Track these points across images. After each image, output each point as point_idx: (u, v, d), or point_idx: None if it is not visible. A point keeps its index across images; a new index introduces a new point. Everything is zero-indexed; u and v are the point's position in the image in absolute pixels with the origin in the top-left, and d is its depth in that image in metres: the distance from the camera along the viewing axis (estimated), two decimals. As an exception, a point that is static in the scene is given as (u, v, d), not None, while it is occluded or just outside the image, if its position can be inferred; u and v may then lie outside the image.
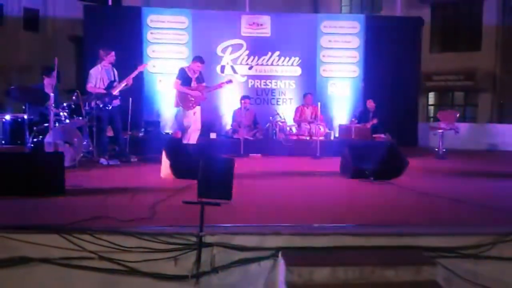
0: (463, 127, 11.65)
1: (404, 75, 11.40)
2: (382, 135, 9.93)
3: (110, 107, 7.52)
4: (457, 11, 19.74)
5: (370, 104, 10.55)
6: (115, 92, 7.60)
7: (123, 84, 7.66)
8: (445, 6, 19.75)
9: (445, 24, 19.78)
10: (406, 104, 11.54)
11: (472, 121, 18.02)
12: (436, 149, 9.35)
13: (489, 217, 4.03)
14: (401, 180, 5.83)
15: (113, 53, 7.70)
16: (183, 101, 7.80)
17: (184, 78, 7.85)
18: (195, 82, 7.88)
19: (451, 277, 3.19)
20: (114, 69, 7.76)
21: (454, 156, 9.28)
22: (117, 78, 7.71)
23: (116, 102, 7.69)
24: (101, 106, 7.41)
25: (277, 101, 11.35)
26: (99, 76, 7.58)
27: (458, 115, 10.89)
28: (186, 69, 7.97)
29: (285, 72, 11.30)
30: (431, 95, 20.76)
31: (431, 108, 20.73)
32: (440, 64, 18.51)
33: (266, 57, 11.21)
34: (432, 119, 19.33)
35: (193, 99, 7.80)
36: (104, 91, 7.49)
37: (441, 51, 19.32)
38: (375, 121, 10.35)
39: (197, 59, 7.98)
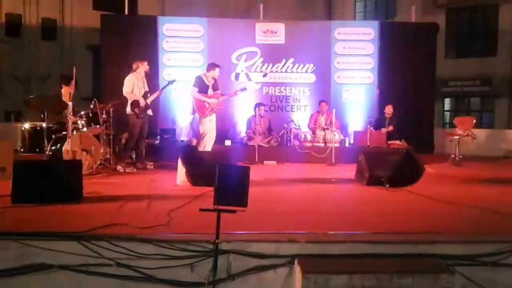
0: (480, 133, 11.49)
1: (419, 81, 11.29)
2: (398, 142, 9.84)
3: (143, 115, 7.68)
4: (472, 16, 19.58)
5: (389, 109, 10.43)
6: (149, 101, 7.75)
7: (155, 95, 7.87)
8: (460, 11, 19.60)
9: (460, 30, 19.63)
10: (422, 110, 11.42)
11: (489, 127, 17.77)
12: (453, 156, 9.24)
13: (507, 224, 3.98)
14: (417, 187, 5.79)
15: (146, 62, 7.88)
16: (200, 109, 7.86)
17: (201, 85, 7.91)
18: (211, 90, 7.95)
19: (469, 286, 3.16)
20: (145, 80, 7.92)
21: (471, 163, 9.17)
22: (147, 88, 7.88)
23: (149, 112, 7.85)
24: (137, 113, 7.56)
25: (292, 108, 11.33)
26: (136, 83, 7.72)
27: (474, 121, 10.77)
28: (203, 77, 8.03)
29: (299, 79, 11.29)
30: (447, 101, 20.58)
31: (447, 114, 20.54)
32: (455, 69, 18.35)
33: (281, 64, 11.20)
34: (448, 125, 19.14)
35: (209, 106, 7.86)
36: (142, 98, 7.66)
37: (456, 57, 19.17)
38: (390, 128, 10.27)
39: (214, 65, 8.04)
